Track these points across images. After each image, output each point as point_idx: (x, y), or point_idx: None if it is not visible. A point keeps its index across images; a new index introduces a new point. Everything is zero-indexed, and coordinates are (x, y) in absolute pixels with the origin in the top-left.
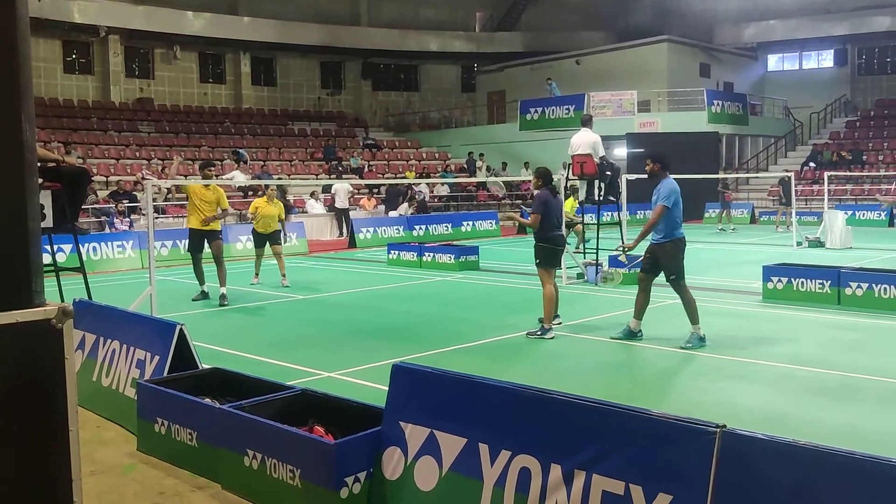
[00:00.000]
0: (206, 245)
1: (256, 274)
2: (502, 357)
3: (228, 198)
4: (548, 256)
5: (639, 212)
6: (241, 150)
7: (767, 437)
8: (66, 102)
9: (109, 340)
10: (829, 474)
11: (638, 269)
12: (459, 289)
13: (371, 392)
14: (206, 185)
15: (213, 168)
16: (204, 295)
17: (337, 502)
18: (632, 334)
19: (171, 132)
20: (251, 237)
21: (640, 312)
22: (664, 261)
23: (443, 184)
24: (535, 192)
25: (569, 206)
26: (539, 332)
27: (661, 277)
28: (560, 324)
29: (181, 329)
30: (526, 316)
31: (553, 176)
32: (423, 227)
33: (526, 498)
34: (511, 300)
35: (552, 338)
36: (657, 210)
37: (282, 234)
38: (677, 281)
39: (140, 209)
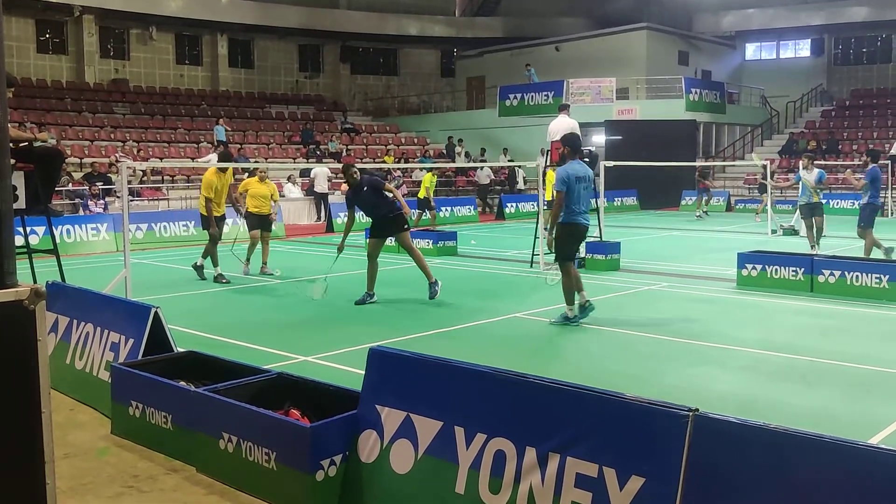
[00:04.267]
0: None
1: (248, 259)
2: (479, 342)
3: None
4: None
5: (616, 199)
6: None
7: (739, 421)
8: (40, 83)
9: (83, 323)
10: (799, 456)
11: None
12: (437, 274)
13: (348, 376)
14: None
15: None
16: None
17: (312, 485)
18: (568, 320)
19: (146, 114)
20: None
21: (571, 297)
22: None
23: (421, 169)
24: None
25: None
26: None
27: (638, 265)
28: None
29: (156, 312)
30: (503, 301)
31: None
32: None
33: (501, 481)
34: (489, 285)
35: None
36: (556, 197)
37: (273, 217)
38: (559, 263)
39: (115, 191)
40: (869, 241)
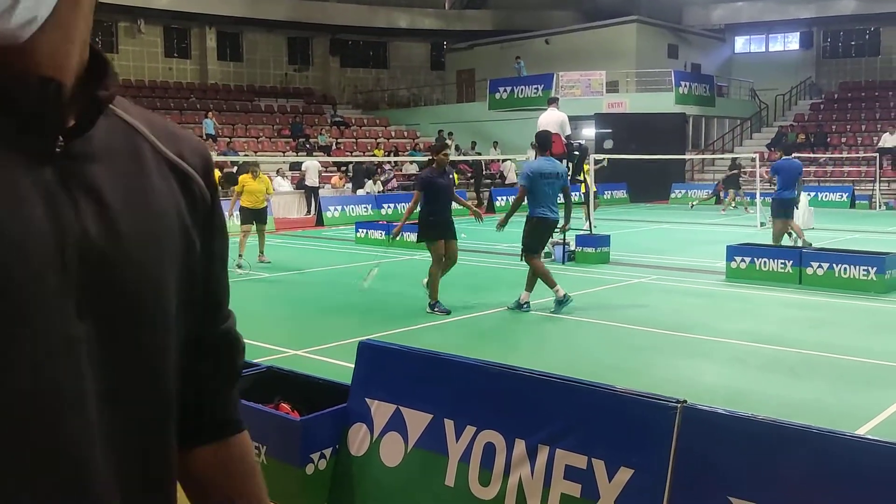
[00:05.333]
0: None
1: (240, 254)
2: (469, 335)
3: None
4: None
5: (606, 192)
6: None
7: (727, 412)
8: None
9: None
10: (787, 447)
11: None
12: (427, 267)
13: (338, 369)
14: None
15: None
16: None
17: (302, 479)
18: (523, 306)
19: None
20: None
21: (532, 284)
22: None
23: (412, 162)
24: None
25: None
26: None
27: (628, 258)
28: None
29: None
30: (492, 294)
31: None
32: (392, 205)
33: (490, 473)
34: (479, 278)
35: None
36: (518, 192)
37: (268, 211)
38: (525, 256)
39: None
40: (777, 229)
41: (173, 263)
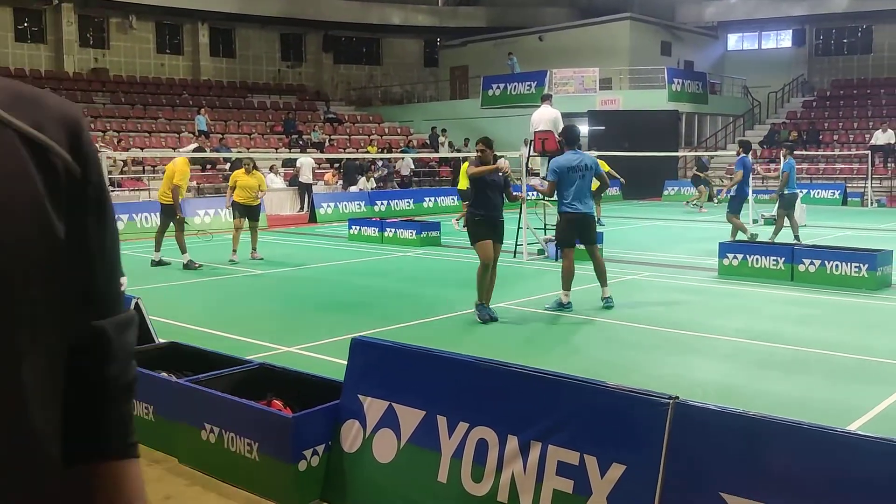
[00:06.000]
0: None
1: (234, 250)
2: (462, 332)
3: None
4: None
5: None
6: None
7: (718, 408)
8: (18, 72)
9: None
10: (778, 443)
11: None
12: (420, 264)
13: (331, 366)
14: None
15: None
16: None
17: (295, 475)
18: (562, 306)
19: (126, 104)
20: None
21: (567, 283)
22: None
23: (403, 158)
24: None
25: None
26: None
27: (621, 254)
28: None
29: (137, 302)
30: None
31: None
32: (385, 202)
33: (483, 469)
34: (472, 276)
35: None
36: (548, 186)
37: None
38: (559, 247)
39: None
40: (735, 225)
41: (19, 253)
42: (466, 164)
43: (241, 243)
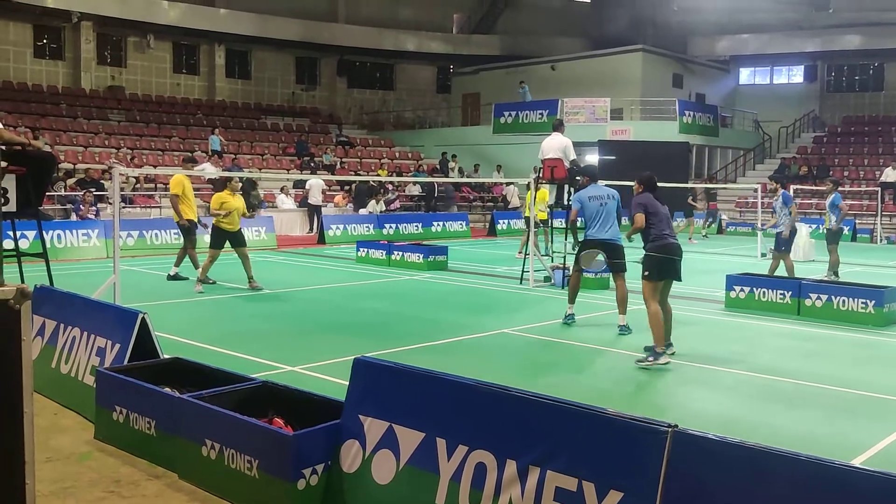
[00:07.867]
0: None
1: (201, 280)
2: (466, 356)
3: (198, 190)
4: (655, 266)
5: None
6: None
7: (717, 437)
8: (36, 87)
9: (70, 328)
10: (775, 474)
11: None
12: (427, 288)
13: (333, 387)
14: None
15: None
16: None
17: (294, 494)
18: (622, 328)
19: (141, 122)
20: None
21: (622, 306)
22: None
23: (415, 183)
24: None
25: (542, 196)
26: (651, 359)
27: (628, 284)
28: (673, 353)
29: (143, 318)
30: (492, 317)
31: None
32: (393, 225)
33: (481, 493)
34: (477, 301)
35: (666, 363)
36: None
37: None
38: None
39: (107, 198)
40: (775, 264)
41: None
42: (542, 191)
43: (235, 270)
